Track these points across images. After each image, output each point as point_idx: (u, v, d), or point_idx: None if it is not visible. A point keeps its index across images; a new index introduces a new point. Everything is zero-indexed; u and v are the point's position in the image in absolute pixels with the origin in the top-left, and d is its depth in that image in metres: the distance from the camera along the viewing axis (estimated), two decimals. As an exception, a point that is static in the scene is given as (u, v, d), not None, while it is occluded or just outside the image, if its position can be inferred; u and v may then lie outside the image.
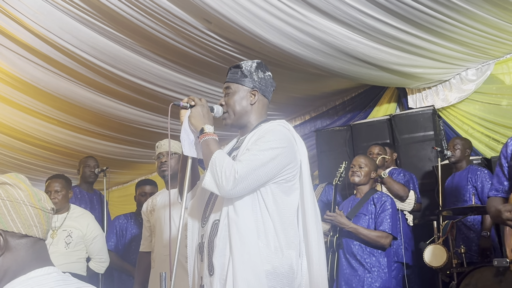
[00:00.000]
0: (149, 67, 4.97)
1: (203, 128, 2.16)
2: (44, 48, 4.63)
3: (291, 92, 5.91)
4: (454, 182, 4.79)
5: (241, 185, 2.00)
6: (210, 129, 2.17)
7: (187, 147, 2.21)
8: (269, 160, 2.06)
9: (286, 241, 2.09)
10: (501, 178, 2.87)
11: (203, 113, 2.20)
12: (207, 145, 2.13)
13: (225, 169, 2.01)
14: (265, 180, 2.08)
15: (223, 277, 2.04)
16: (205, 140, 2.14)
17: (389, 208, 3.87)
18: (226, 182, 1.99)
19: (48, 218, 1.41)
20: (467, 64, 5.33)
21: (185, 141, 2.21)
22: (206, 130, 2.16)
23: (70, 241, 4.22)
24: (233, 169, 2.00)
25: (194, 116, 2.20)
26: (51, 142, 6.95)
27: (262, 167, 2.04)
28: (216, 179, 2.02)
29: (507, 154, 2.86)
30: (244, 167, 2.01)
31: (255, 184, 2.05)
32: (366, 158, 4.17)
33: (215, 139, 2.16)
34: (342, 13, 4.02)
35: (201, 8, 3.87)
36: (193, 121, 2.20)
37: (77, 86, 5.40)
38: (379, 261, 3.80)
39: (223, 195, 2.03)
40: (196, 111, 2.20)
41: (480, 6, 4.10)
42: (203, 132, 2.16)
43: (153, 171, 8.61)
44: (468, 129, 5.51)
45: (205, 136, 2.15)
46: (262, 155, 2.06)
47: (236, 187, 1.99)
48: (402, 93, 6.07)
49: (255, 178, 2.03)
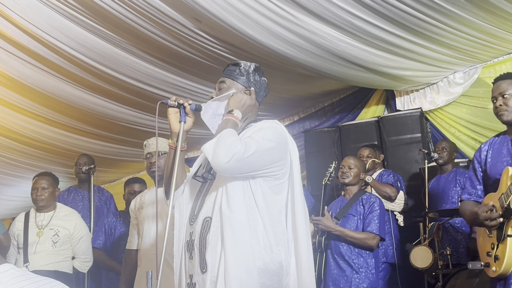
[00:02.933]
0: (138, 66, 4.96)
1: (233, 110, 2.19)
2: (32, 44, 4.60)
3: (281, 92, 5.92)
4: (441, 184, 4.82)
5: (236, 163, 2.01)
6: (239, 114, 2.20)
7: (209, 116, 2.26)
8: (265, 149, 2.09)
9: (275, 238, 2.10)
10: (474, 182, 2.94)
11: (244, 102, 2.24)
12: (227, 122, 2.16)
13: (229, 143, 2.02)
14: (257, 169, 2.09)
15: (214, 274, 2.04)
16: (228, 119, 2.17)
17: (377, 209, 3.89)
18: (224, 154, 2.00)
19: None
20: (455, 67, 5.38)
21: (211, 110, 2.26)
22: (235, 113, 2.19)
23: (57, 240, 4.20)
24: (235, 146, 2.02)
25: (236, 98, 2.24)
26: (38, 139, 6.90)
27: (258, 153, 2.06)
28: (216, 148, 2.03)
29: (481, 159, 2.93)
30: (243, 148, 2.03)
31: (247, 169, 2.06)
32: (356, 159, 4.20)
33: (236, 122, 2.18)
34: (332, 15, 4.03)
35: (191, 7, 3.86)
36: (232, 100, 2.23)
37: (66, 84, 5.37)
38: (367, 262, 3.82)
39: (215, 164, 2.03)
40: (242, 97, 2.25)
41: (468, 11, 4.14)
42: (231, 113, 2.19)
43: (141, 170, 8.58)
44: (455, 131, 5.55)
45: (230, 115, 2.18)
46: (259, 144, 2.08)
47: (230, 163, 2.00)
48: (390, 95, 6.11)
49: (250, 162, 2.05)
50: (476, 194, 2.91)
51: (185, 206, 2.31)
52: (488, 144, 2.95)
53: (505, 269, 2.59)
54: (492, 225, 2.64)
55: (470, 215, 2.81)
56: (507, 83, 2.83)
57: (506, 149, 2.83)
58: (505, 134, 2.91)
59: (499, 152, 2.85)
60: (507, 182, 2.64)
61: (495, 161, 2.84)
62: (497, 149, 2.87)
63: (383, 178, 4.85)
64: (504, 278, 2.64)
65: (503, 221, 2.61)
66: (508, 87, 2.82)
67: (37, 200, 4.26)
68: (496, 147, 2.88)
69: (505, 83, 2.84)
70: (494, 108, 2.86)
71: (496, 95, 2.84)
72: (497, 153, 2.86)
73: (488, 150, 2.91)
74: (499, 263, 2.62)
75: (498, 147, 2.88)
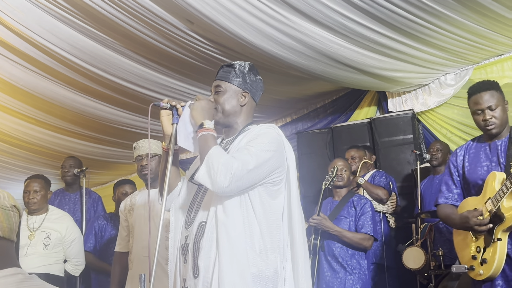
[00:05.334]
0: (129, 67, 4.94)
1: (203, 123, 2.14)
2: (23, 46, 4.57)
3: (273, 94, 5.92)
4: (434, 185, 4.84)
5: (237, 183, 1.99)
6: (210, 124, 2.15)
7: (183, 139, 2.19)
8: (264, 162, 2.06)
9: (271, 244, 2.09)
10: (451, 186, 2.98)
11: (206, 108, 2.19)
12: (205, 140, 2.11)
13: (223, 165, 1.98)
14: (258, 181, 2.08)
15: (207, 279, 2.02)
16: (204, 135, 2.12)
17: (369, 211, 3.94)
18: (222, 178, 1.96)
19: (9, 216, 1.34)
20: (446, 69, 5.40)
21: (182, 132, 2.19)
22: (206, 125, 2.13)
23: (48, 243, 4.18)
24: (231, 166, 1.98)
25: (196, 109, 2.18)
26: (29, 141, 6.86)
27: (257, 168, 2.04)
28: (212, 173, 1.99)
29: (457, 164, 2.97)
30: (241, 167, 2.00)
31: (248, 184, 2.05)
32: (345, 161, 4.25)
33: (213, 135, 2.13)
34: (324, 17, 4.04)
35: (184, 8, 3.85)
36: (194, 114, 2.17)
37: (56, 85, 5.34)
38: (359, 263, 3.86)
39: (217, 190, 2.00)
40: (200, 104, 2.19)
41: (459, 12, 4.16)
42: (203, 127, 2.13)
43: (133, 172, 8.54)
44: (446, 133, 5.58)
45: (204, 130, 2.12)
46: (258, 157, 2.05)
47: (231, 185, 1.98)
48: (382, 96, 6.13)
49: (250, 178, 2.03)
50: (453, 198, 2.95)
51: (180, 209, 2.30)
52: (463, 149, 2.99)
53: (494, 272, 2.62)
54: (482, 230, 2.67)
55: (459, 219, 2.83)
56: (490, 94, 2.83)
57: (484, 154, 2.87)
58: (481, 140, 2.94)
59: (477, 157, 2.89)
60: (493, 187, 2.68)
61: (474, 166, 2.87)
62: (474, 154, 2.91)
63: (376, 179, 4.86)
64: (490, 280, 2.67)
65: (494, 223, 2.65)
66: (492, 98, 2.82)
67: (29, 203, 4.23)
68: (473, 151, 2.93)
69: (487, 95, 2.83)
70: (481, 121, 2.85)
71: (483, 108, 2.83)
72: (474, 158, 2.89)
73: (464, 155, 2.95)
74: (488, 266, 2.65)
75: (475, 151, 2.92)
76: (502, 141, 2.83)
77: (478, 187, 2.82)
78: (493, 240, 2.65)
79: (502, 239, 2.63)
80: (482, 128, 2.88)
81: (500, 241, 2.63)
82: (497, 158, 2.80)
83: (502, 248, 2.63)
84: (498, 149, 2.82)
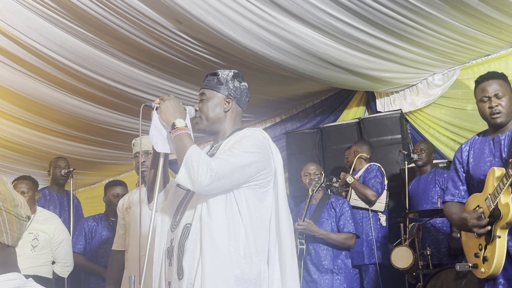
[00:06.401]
0: (118, 67, 4.91)
1: (174, 123, 2.12)
2: (10, 46, 4.53)
3: (262, 94, 5.92)
4: (420, 185, 4.87)
5: (218, 183, 1.98)
6: (182, 123, 2.13)
7: (160, 144, 2.17)
8: (247, 163, 2.06)
9: (255, 247, 2.08)
10: (457, 183, 2.89)
11: (173, 107, 2.16)
12: (181, 140, 2.09)
13: (202, 164, 1.97)
14: (240, 183, 2.07)
15: (191, 281, 2.01)
16: (178, 135, 2.10)
17: (347, 210, 4.05)
18: (203, 177, 1.95)
19: (21, 226, 1.35)
20: (434, 69, 5.44)
21: (157, 138, 2.17)
22: (178, 125, 2.11)
23: (36, 244, 4.14)
24: (210, 165, 1.97)
25: (164, 111, 2.16)
26: (16, 142, 6.80)
27: (240, 169, 2.03)
28: (192, 173, 1.98)
29: (462, 160, 2.88)
30: (222, 166, 1.99)
31: (231, 184, 2.04)
32: (318, 165, 4.33)
33: (188, 133, 2.11)
34: (313, 17, 4.05)
35: (172, 8, 3.84)
36: (163, 116, 2.15)
37: (44, 86, 5.30)
38: (344, 262, 3.96)
39: (198, 190, 2.00)
40: (165, 106, 2.16)
41: (446, 13, 4.19)
42: (175, 127, 2.11)
43: (122, 172, 8.51)
44: (434, 133, 5.62)
45: (177, 130, 2.10)
46: (240, 158, 2.05)
47: (212, 184, 1.97)
48: (371, 97, 6.16)
49: (233, 178, 2.02)
50: (460, 195, 2.87)
51: (167, 213, 2.29)
52: (468, 144, 2.90)
53: (494, 270, 2.59)
54: (481, 232, 2.63)
55: (458, 220, 2.79)
56: (499, 83, 2.73)
57: (488, 149, 2.79)
58: (486, 134, 2.85)
59: (481, 152, 2.81)
60: (493, 183, 2.62)
61: (478, 161, 2.80)
62: (479, 149, 2.84)
63: (367, 173, 4.80)
64: (493, 279, 2.65)
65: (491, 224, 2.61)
66: (501, 87, 2.72)
67: (17, 205, 4.18)
68: (477, 146, 2.85)
69: (496, 83, 2.72)
70: (486, 108, 2.73)
71: (490, 95, 2.71)
72: (479, 153, 2.82)
73: (469, 150, 2.86)
74: (488, 264, 2.62)
75: (479, 147, 2.84)
76: (506, 135, 2.74)
77: (482, 183, 2.73)
78: (492, 238, 2.60)
79: (502, 236, 2.59)
80: (486, 117, 2.76)
81: (500, 239, 2.58)
82: (500, 153, 2.73)
83: (502, 246, 2.58)
84: (501, 143, 2.74)
